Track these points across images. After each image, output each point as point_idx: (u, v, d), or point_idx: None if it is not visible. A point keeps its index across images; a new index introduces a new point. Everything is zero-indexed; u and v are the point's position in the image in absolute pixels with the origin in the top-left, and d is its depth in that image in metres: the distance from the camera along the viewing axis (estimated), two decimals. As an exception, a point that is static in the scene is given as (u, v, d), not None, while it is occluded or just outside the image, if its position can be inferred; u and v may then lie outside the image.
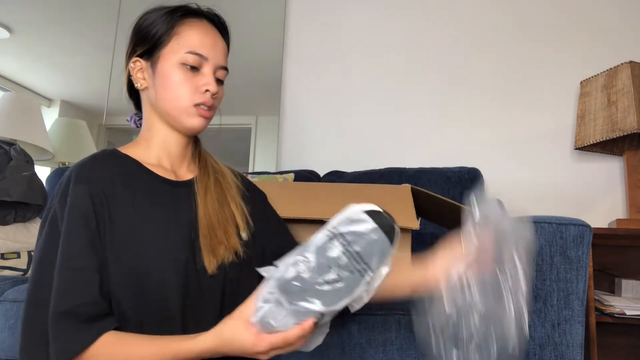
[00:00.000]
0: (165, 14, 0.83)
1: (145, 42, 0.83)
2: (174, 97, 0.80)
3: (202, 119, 0.83)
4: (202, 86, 0.81)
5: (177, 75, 0.80)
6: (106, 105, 2.40)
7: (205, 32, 0.84)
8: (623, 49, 1.98)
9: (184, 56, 0.80)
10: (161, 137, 0.84)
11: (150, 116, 0.85)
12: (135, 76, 0.83)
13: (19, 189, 1.39)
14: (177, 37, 0.82)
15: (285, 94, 2.24)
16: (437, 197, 1.21)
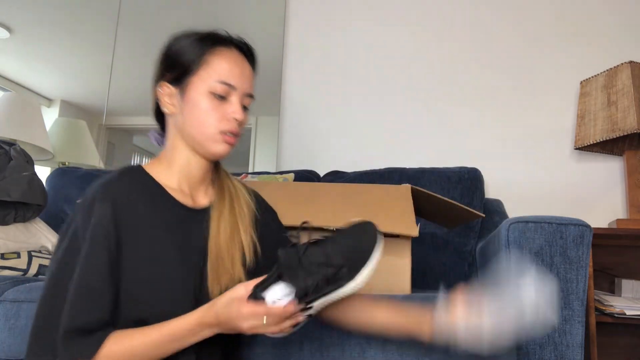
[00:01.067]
0: (195, 42, 0.85)
1: (174, 69, 0.85)
2: (201, 124, 0.83)
3: (227, 145, 0.85)
4: (230, 114, 0.84)
5: (206, 104, 0.83)
6: (106, 105, 2.40)
7: (234, 62, 0.86)
8: (623, 49, 1.98)
9: (213, 85, 0.83)
10: (184, 160, 0.87)
11: (175, 139, 0.87)
12: (163, 101, 0.86)
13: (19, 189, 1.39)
14: (206, 65, 0.84)
15: (285, 94, 2.25)
16: (437, 197, 1.21)
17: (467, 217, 1.30)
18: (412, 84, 2.14)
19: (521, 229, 1.04)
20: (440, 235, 1.67)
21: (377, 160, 2.09)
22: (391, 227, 1.11)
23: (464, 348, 0.73)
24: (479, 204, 1.69)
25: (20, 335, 1.09)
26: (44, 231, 1.51)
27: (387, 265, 1.17)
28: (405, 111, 2.13)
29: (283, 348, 1.04)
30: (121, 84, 2.41)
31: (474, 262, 1.62)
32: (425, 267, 1.64)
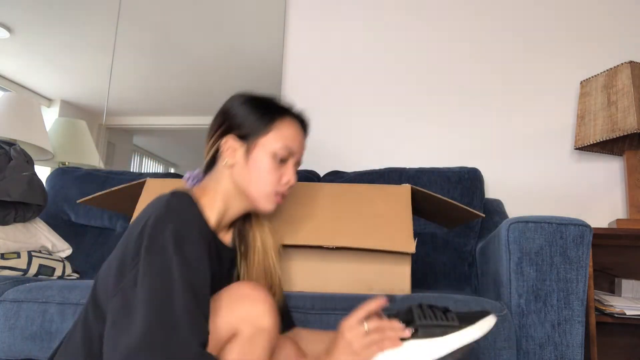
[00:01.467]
0: (265, 109, 0.93)
1: (243, 128, 0.92)
2: (260, 182, 0.91)
3: (276, 205, 0.93)
4: (286, 177, 0.93)
5: (268, 164, 0.91)
6: (106, 105, 2.40)
7: (298, 132, 0.96)
8: (623, 49, 1.98)
9: (279, 149, 0.91)
10: (228, 207, 0.92)
11: (227, 186, 0.92)
12: (226, 152, 0.91)
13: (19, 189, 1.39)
14: (275, 130, 0.92)
15: (285, 94, 2.25)
16: (437, 197, 1.21)
17: (467, 217, 1.30)
18: (412, 83, 2.14)
19: (521, 229, 1.04)
20: (440, 235, 1.67)
21: (377, 160, 2.09)
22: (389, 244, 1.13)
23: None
24: (479, 204, 1.69)
25: (20, 335, 1.09)
26: (44, 231, 1.51)
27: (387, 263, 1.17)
28: (406, 111, 2.13)
29: (283, 348, 1.04)
30: (121, 84, 2.41)
31: (474, 262, 1.62)
32: (425, 267, 1.64)
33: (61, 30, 2.54)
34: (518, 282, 1.03)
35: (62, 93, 2.53)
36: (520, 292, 1.03)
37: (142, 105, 2.40)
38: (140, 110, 2.40)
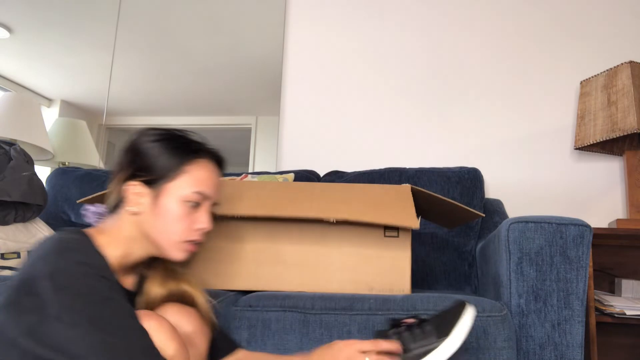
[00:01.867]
0: (174, 150, 0.86)
1: (149, 172, 0.85)
2: (169, 231, 0.84)
3: (188, 253, 0.88)
4: (199, 224, 0.87)
5: (177, 211, 0.84)
6: (106, 105, 2.40)
7: (211, 173, 0.89)
8: (623, 49, 1.98)
9: (189, 195, 0.85)
10: (130, 252, 0.85)
11: (130, 231, 0.85)
12: (131, 199, 0.84)
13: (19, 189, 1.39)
14: (186, 175, 0.86)
15: (285, 94, 2.25)
16: (437, 197, 1.21)
17: (467, 217, 1.30)
18: (412, 83, 2.14)
19: (521, 229, 1.04)
20: (440, 235, 1.67)
21: (377, 160, 2.09)
22: (392, 220, 1.11)
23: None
24: (479, 204, 1.69)
25: (20, 335, 1.09)
26: (44, 231, 1.51)
27: (387, 263, 1.17)
28: (406, 111, 2.13)
29: (283, 348, 1.04)
30: (121, 84, 2.41)
31: (474, 262, 1.62)
32: (425, 267, 1.64)
33: (61, 30, 2.54)
34: (518, 282, 1.03)
35: (62, 93, 2.53)
36: (520, 292, 1.03)
37: (142, 105, 2.40)
38: (140, 110, 2.40)
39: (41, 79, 2.54)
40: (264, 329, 1.05)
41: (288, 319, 1.05)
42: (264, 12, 2.33)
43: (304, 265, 1.18)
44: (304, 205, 1.15)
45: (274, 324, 1.05)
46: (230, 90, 2.31)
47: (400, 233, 1.18)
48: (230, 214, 1.14)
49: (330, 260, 1.18)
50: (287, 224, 1.20)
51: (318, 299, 1.07)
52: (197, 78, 2.35)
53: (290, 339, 1.03)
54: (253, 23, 2.33)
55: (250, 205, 1.16)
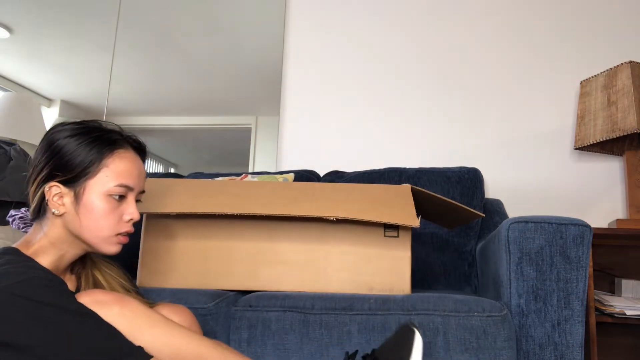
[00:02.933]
0: (91, 144, 0.83)
1: (67, 170, 0.82)
2: (97, 228, 0.83)
3: (120, 245, 0.87)
4: (127, 215, 0.85)
5: (102, 207, 0.82)
6: (106, 105, 2.40)
7: (132, 163, 0.87)
8: (623, 49, 1.98)
9: (112, 188, 0.83)
10: (62, 253, 0.84)
11: (58, 234, 0.83)
12: (52, 201, 0.82)
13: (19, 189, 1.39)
14: (105, 169, 0.83)
15: (285, 94, 2.25)
16: (437, 197, 1.21)
17: (467, 217, 1.30)
18: (412, 83, 2.14)
19: (521, 229, 1.04)
20: (440, 235, 1.67)
21: (377, 160, 2.09)
22: (392, 218, 1.11)
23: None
24: (479, 204, 1.69)
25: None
26: (44, 231, 1.51)
27: (387, 263, 1.17)
28: (406, 111, 2.13)
29: (283, 348, 1.04)
30: (121, 84, 2.41)
31: (474, 262, 1.62)
32: (425, 267, 1.64)
33: (61, 30, 2.54)
34: (518, 282, 1.03)
35: (62, 93, 2.53)
36: (520, 292, 1.03)
37: (142, 105, 2.40)
38: (140, 110, 2.40)
39: (41, 79, 2.54)
40: (264, 329, 1.05)
41: (288, 319, 1.05)
42: (264, 12, 2.33)
43: (303, 265, 1.18)
44: (304, 205, 1.15)
45: (274, 324, 1.05)
46: (230, 90, 2.31)
47: (400, 233, 1.18)
48: (230, 213, 1.14)
49: (330, 260, 1.18)
50: (287, 223, 1.20)
51: (318, 299, 1.07)
52: (197, 78, 2.35)
53: (290, 339, 1.04)
54: (253, 23, 2.33)
55: (250, 204, 1.16)
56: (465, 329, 0.99)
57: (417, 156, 2.08)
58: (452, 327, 0.99)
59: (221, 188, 1.23)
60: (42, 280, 0.72)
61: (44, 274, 0.75)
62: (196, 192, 1.20)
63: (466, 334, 0.99)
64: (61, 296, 0.72)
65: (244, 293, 1.19)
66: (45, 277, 0.73)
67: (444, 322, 1.00)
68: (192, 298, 1.08)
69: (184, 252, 1.20)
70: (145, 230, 1.22)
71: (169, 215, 1.21)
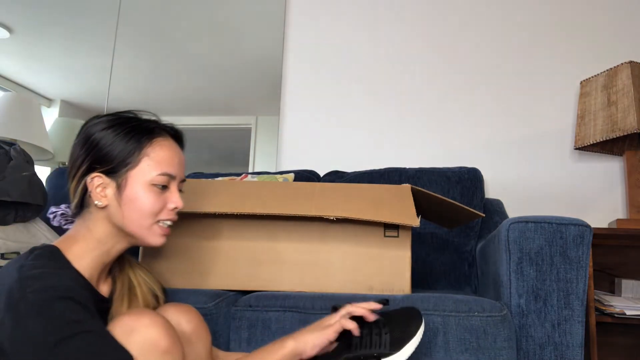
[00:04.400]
0: (129, 135, 0.82)
1: (107, 162, 0.81)
2: (141, 217, 0.82)
3: (165, 237, 0.86)
4: (171, 204, 0.85)
5: (147, 197, 0.82)
6: (106, 105, 2.40)
7: (173, 151, 0.86)
8: (623, 49, 1.98)
9: (155, 177, 0.82)
10: (108, 248, 0.83)
11: (104, 228, 0.82)
12: (95, 192, 0.81)
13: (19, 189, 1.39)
14: (146, 158, 0.82)
15: (285, 94, 2.25)
16: (437, 197, 1.21)
17: (467, 217, 1.30)
18: (412, 83, 2.14)
19: (521, 229, 1.04)
20: (440, 235, 1.67)
21: (377, 160, 2.09)
22: (392, 218, 1.11)
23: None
24: (479, 204, 1.69)
25: (20, 335, 1.09)
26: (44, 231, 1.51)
27: (387, 263, 1.17)
28: (406, 111, 2.13)
29: (283, 348, 1.04)
30: (121, 84, 2.41)
31: (474, 262, 1.62)
32: (425, 267, 1.64)
33: (61, 30, 2.54)
34: (518, 282, 1.03)
35: (62, 93, 2.53)
36: (520, 292, 1.03)
37: (142, 105, 2.40)
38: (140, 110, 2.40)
39: (41, 79, 2.54)
40: (264, 329, 1.05)
41: (288, 319, 1.05)
42: (264, 12, 2.33)
43: (303, 265, 1.18)
44: (304, 204, 1.15)
45: (274, 324, 1.05)
46: (230, 90, 2.31)
47: (400, 233, 1.18)
48: (230, 212, 1.14)
49: (330, 260, 1.18)
50: (287, 223, 1.20)
51: (318, 299, 1.07)
52: (197, 78, 2.35)
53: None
54: (253, 23, 2.33)
55: (250, 204, 1.16)
56: (465, 329, 0.99)
57: (417, 156, 2.08)
58: (452, 327, 0.99)
59: (221, 188, 1.23)
60: (64, 289, 0.70)
61: (67, 282, 0.71)
62: (196, 192, 1.20)
63: (466, 334, 0.99)
64: (78, 313, 0.69)
65: (244, 293, 1.19)
66: (67, 286, 0.70)
67: (444, 322, 1.00)
68: (192, 298, 1.08)
69: (184, 252, 1.20)
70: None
71: (169, 215, 1.21)
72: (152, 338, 0.71)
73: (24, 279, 0.69)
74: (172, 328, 0.75)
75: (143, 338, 0.71)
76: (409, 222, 1.10)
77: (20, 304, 0.67)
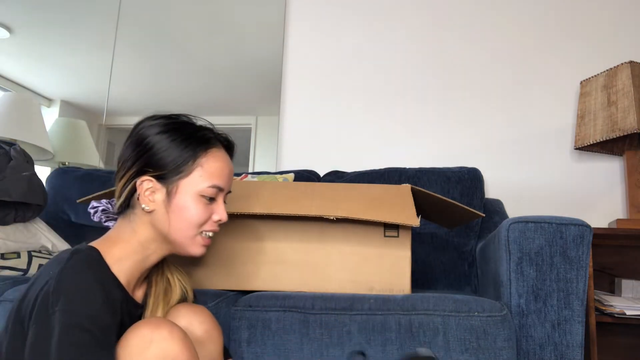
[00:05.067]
0: (185, 142, 0.81)
1: (160, 168, 0.80)
2: (187, 227, 0.81)
3: (205, 248, 0.85)
4: (216, 216, 0.84)
5: (195, 207, 0.81)
6: (106, 105, 2.40)
7: (224, 163, 0.85)
8: (623, 49, 1.98)
9: (205, 189, 0.81)
10: (149, 254, 0.82)
11: (146, 233, 0.81)
12: (143, 195, 0.80)
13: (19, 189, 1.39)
14: (199, 169, 0.81)
15: (285, 94, 2.25)
16: (437, 197, 1.21)
17: (467, 217, 1.30)
18: (412, 83, 2.14)
19: (521, 229, 1.04)
20: (440, 235, 1.67)
21: (377, 160, 2.09)
22: (392, 218, 1.11)
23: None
24: (479, 204, 1.69)
25: (20, 335, 1.09)
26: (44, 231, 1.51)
27: (387, 263, 1.17)
28: (406, 111, 2.13)
29: (283, 348, 1.04)
30: (121, 84, 2.41)
31: (474, 262, 1.62)
32: (425, 267, 1.64)
33: (61, 30, 2.54)
34: (518, 282, 1.03)
35: (62, 93, 2.52)
36: (520, 292, 1.03)
37: (142, 105, 2.40)
38: (140, 110, 2.40)
39: (41, 79, 2.54)
40: (264, 329, 1.05)
41: (288, 319, 1.05)
42: (264, 12, 2.33)
43: (304, 265, 1.18)
44: (304, 204, 1.15)
45: (274, 324, 1.05)
46: (230, 90, 2.31)
47: (400, 233, 1.18)
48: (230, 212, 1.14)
49: (330, 260, 1.18)
50: (287, 223, 1.20)
51: (318, 299, 1.07)
52: (197, 78, 2.35)
53: (290, 339, 1.04)
54: (253, 23, 2.33)
55: (250, 204, 1.16)
56: (465, 329, 0.99)
57: (417, 156, 2.08)
58: (452, 327, 0.99)
59: (221, 188, 1.23)
60: (86, 318, 0.68)
61: (92, 310, 0.69)
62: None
63: (466, 334, 0.99)
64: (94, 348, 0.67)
65: (244, 293, 1.19)
66: (90, 315, 0.68)
67: (444, 322, 1.00)
68: (192, 298, 1.07)
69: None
70: None
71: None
72: (171, 352, 0.70)
73: (59, 292, 0.67)
74: (189, 339, 0.74)
75: (162, 351, 0.70)
76: (409, 222, 1.10)
77: (49, 320, 0.66)
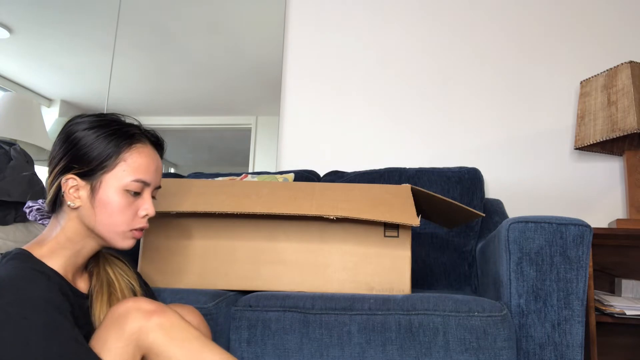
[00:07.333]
0: (109, 138, 0.82)
1: (84, 163, 0.81)
2: (113, 222, 0.82)
3: (135, 240, 0.86)
4: (142, 211, 0.85)
5: (118, 202, 0.82)
6: (106, 105, 2.40)
7: (150, 158, 0.86)
8: (623, 49, 1.98)
9: (128, 183, 0.82)
10: (78, 247, 0.83)
11: (75, 228, 0.83)
12: (68, 193, 0.81)
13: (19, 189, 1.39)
14: (123, 163, 0.82)
15: (285, 94, 2.25)
16: (437, 197, 1.21)
17: (467, 217, 1.30)
18: (412, 83, 2.14)
19: (521, 229, 1.04)
20: (440, 235, 1.67)
21: (377, 160, 2.09)
22: (392, 217, 1.11)
23: None
24: (479, 204, 1.69)
25: (20, 335, 1.09)
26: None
27: (387, 263, 1.17)
28: (406, 111, 2.13)
29: (283, 348, 1.04)
30: (121, 84, 2.41)
31: (474, 262, 1.62)
32: (425, 267, 1.64)
33: (61, 30, 2.54)
34: (518, 282, 1.03)
35: (62, 93, 2.52)
36: (520, 292, 1.03)
37: (142, 105, 2.40)
38: (140, 110, 2.40)
39: (41, 79, 2.54)
40: (264, 329, 1.05)
41: (288, 319, 1.05)
42: (264, 12, 2.33)
43: (303, 265, 1.18)
44: (304, 204, 1.15)
45: (274, 324, 1.05)
46: (230, 90, 2.31)
47: (400, 233, 1.18)
48: (230, 212, 1.14)
49: (330, 260, 1.18)
50: (287, 223, 1.20)
51: (318, 299, 1.07)
52: (197, 78, 2.35)
53: (290, 339, 1.04)
54: (253, 23, 2.33)
55: (250, 204, 1.16)
56: (465, 329, 0.99)
57: (417, 156, 2.08)
58: (452, 327, 0.99)
59: (221, 188, 1.23)
60: (39, 300, 0.69)
61: (42, 292, 0.70)
62: (196, 191, 1.20)
63: (466, 334, 0.99)
64: (52, 315, 0.69)
65: (244, 293, 1.19)
66: (42, 297, 0.69)
67: (444, 322, 1.00)
68: (192, 298, 1.08)
69: (184, 252, 1.20)
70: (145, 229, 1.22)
71: (169, 215, 1.21)
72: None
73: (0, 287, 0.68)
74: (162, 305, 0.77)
75: (137, 323, 0.73)
76: (409, 222, 1.10)
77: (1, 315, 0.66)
